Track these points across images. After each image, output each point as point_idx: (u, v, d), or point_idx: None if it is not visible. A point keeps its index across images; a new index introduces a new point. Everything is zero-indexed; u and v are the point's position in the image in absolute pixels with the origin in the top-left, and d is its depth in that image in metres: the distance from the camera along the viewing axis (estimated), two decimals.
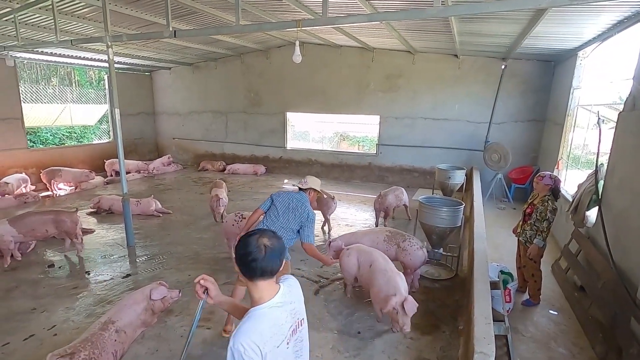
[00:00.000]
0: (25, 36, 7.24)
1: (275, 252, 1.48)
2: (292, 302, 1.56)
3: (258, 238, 1.49)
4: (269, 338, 1.41)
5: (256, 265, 1.45)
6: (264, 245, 1.47)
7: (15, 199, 7.77)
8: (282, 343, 1.47)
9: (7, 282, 4.50)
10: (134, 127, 12.27)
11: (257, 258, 1.45)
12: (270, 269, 1.48)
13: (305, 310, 1.66)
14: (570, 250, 4.74)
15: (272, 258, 1.47)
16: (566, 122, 6.75)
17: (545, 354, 3.34)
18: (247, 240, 1.49)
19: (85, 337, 2.93)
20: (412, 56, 9.20)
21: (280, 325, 1.48)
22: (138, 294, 3.43)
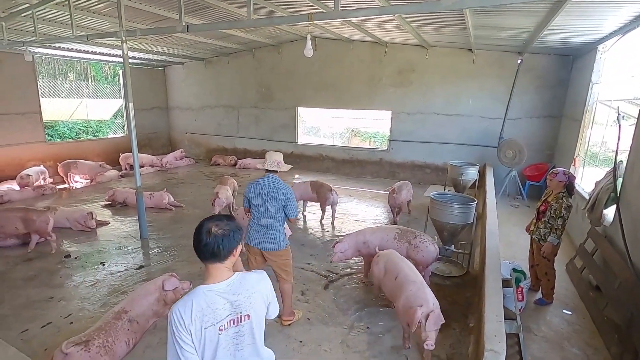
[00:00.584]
0: (43, 32, 7.39)
1: (218, 239, 1.55)
2: (236, 294, 1.59)
3: (208, 224, 1.58)
4: (197, 317, 1.49)
5: (201, 249, 1.56)
6: (210, 232, 1.56)
7: (33, 190, 7.99)
8: (212, 327, 1.52)
9: (26, 272, 4.64)
10: (147, 122, 12.45)
11: (201, 243, 1.56)
12: (211, 254, 1.55)
13: (260, 309, 1.66)
14: (586, 249, 4.63)
15: (214, 244, 1.55)
16: (584, 118, 6.57)
17: (558, 354, 3.29)
18: (200, 225, 1.60)
19: (100, 325, 3.01)
20: (425, 50, 9.06)
21: (213, 309, 1.53)
22: (150, 285, 3.50)
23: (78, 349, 2.68)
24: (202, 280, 1.63)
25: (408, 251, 4.24)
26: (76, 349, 2.67)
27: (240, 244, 1.69)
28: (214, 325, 1.53)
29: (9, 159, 8.91)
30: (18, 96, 9.02)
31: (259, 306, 1.66)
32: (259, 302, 1.66)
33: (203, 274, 1.66)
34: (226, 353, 1.59)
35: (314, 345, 3.32)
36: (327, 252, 5.32)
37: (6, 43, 6.42)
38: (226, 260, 1.61)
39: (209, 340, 1.53)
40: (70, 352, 2.65)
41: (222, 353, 1.57)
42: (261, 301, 1.67)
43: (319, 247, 5.55)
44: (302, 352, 3.22)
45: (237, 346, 1.62)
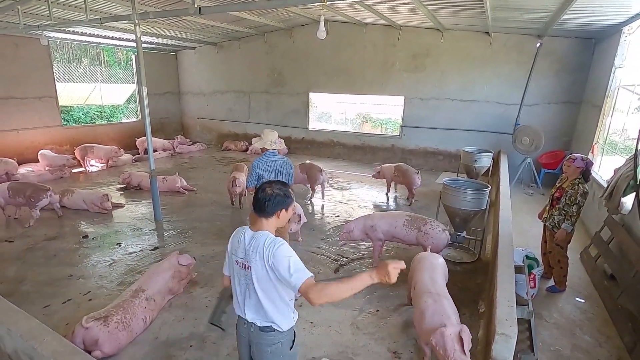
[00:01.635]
0: (57, 15, 7.43)
1: (267, 197, 1.84)
2: (250, 246, 1.83)
3: (267, 185, 1.91)
4: (231, 244, 1.97)
5: (254, 202, 1.89)
6: (264, 190, 1.87)
7: (51, 174, 8.17)
8: (233, 257, 1.92)
9: (47, 251, 4.80)
10: (160, 107, 12.54)
11: (257, 197, 1.88)
12: (259, 208, 1.86)
13: (260, 269, 1.79)
14: (602, 238, 4.55)
15: (264, 201, 1.85)
16: (605, 104, 6.35)
17: (569, 340, 3.27)
18: (261, 185, 1.94)
19: (118, 302, 3.11)
20: (441, 34, 8.83)
21: (236, 243, 1.91)
22: (165, 263, 3.61)
23: (97, 324, 2.78)
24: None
25: (418, 238, 4.23)
26: (96, 324, 2.78)
27: (288, 211, 1.93)
28: (235, 255, 1.90)
29: (27, 142, 9.13)
30: (35, 80, 9.18)
31: (259, 265, 1.79)
32: (259, 262, 1.78)
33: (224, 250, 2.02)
34: (242, 285, 1.89)
35: (324, 326, 3.38)
36: (337, 237, 5.35)
37: (22, 27, 6.49)
38: (270, 217, 1.87)
39: (232, 266, 1.93)
40: (90, 326, 2.76)
41: (237, 282, 1.91)
42: (261, 262, 1.78)
43: (329, 232, 5.58)
44: (313, 333, 3.29)
45: (248, 289, 1.87)
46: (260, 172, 3.65)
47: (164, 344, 3.10)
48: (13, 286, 3.97)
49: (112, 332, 2.81)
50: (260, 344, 1.89)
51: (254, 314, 1.87)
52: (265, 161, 3.67)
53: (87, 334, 2.74)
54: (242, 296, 1.89)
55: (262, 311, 1.85)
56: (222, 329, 2.30)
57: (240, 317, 1.94)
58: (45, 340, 2.02)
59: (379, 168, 7.46)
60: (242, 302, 1.90)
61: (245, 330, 1.92)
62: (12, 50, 8.69)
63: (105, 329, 2.78)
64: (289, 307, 1.90)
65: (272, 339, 1.88)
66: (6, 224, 5.70)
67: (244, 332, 1.94)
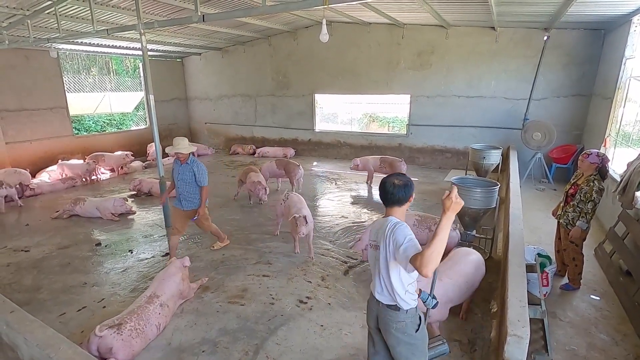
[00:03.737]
0: (66, 28, 7.60)
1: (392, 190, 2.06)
2: (379, 229, 2.10)
3: (392, 179, 2.12)
4: (370, 231, 2.27)
5: (387, 197, 2.10)
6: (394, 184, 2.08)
7: (63, 183, 8.31)
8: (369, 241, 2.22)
9: (62, 259, 4.90)
10: (168, 113, 12.70)
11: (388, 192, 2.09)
12: (396, 200, 2.08)
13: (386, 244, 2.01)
14: (616, 233, 4.46)
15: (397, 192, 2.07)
16: (616, 95, 6.23)
17: (584, 339, 3.22)
18: (385, 181, 2.14)
19: (132, 309, 3.16)
20: (445, 31, 8.76)
21: (372, 228, 2.25)
22: (171, 268, 3.68)
23: (111, 332, 2.83)
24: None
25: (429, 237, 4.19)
26: (109, 332, 2.82)
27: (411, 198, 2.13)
28: (370, 239, 2.21)
29: (41, 152, 9.34)
30: (46, 91, 9.38)
31: (384, 245, 2.02)
32: (383, 242, 2.02)
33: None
34: (375, 264, 2.16)
35: (335, 329, 3.38)
36: (345, 239, 5.35)
37: (32, 40, 6.63)
38: (405, 204, 2.11)
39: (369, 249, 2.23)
40: (104, 335, 2.80)
41: (371, 263, 2.21)
42: (384, 242, 2.01)
43: (337, 234, 5.58)
44: (324, 336, 3.29)
45: (377, 267, 2.12)
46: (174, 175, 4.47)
47: (177, 350, 3.14)
48: (30, 295, 4.06)
49: (126, 339, 2.86)
50: (385, 320, 2.12)
51: (380, 291, 2.12)
52: (175, 167, 4.47)
53: (102, 342, 2.78)
54: (373, 274, 2.18)
55: (386, 289, 2.08)
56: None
57: (371, 293, 2.20)
58: (61, 348, 2.06)
59: (357, 161, 8.16)
60: (373, 280, 2.18)
61: (374, 306, 2.18)
62: (23, 62, 8.90)
63: (119, 337, 2.82)
64: (408, 291, 2.06)
65: (397, 317, 2.07)
66: (20, 233, 5.83)
67: (373, 307, 2.20)
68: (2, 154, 8.61)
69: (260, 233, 5.62)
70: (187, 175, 4.42)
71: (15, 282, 4.34)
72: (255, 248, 5.11)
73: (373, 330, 2.27)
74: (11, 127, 8.82)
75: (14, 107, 8.83)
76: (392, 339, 2.11)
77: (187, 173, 4.42)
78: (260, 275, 4.36)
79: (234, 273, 4.42)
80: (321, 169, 9.89)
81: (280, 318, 3.54)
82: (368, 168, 8.12)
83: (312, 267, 4.54)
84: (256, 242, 5.29)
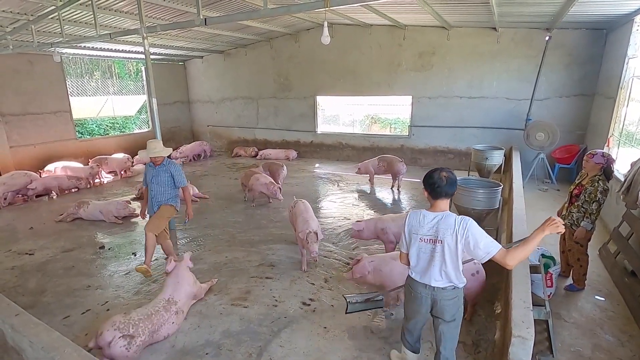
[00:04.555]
0: (69, 32, 7.65)
1: (443, 184, 2.28)
2: (436, 222, 2.30)
3: (441, 172, 2.33)
4: (411, 223, 2.41)
5: (436, 189, 2.31)
6: (443, 177, 2.30)
7: (68, 180, 8.31)
8: (417, 236, 2.37)
9: (66, 262, 4.92)
10: (170, 116, 12.75)
11: (435, 184, 2.31)
12: (445, 193, 2.31)
13: (450, 241, 2.25)
14: (621, 233, 4.43)
15: (447, 185, 2.29)
16: (619, 95, 6.20)
17: (589, 340, 3.20)
18: (432, 173, 2.35)
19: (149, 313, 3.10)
20: (447, 32, 8.76)
21: (419, 224, 2.36)
22: (180, 270, 3.67)
23: (122, 344, 2.78)
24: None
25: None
26: (120, 343, 2.78)
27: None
28: (418, 234, 2.36)
29: (45, 156, 9.39)
30: (49, 96, 9.45)
31: (450, 239, 2.25)
32: (451, 236, 2.24)
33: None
34: (424, 257, 2.37)
35: (338, 331, 3.38)
36: (348, 240, 5.35)
37: (36, 45, 6.69)
38: (450, 197, 2.35)
39: (413, 242, 2.40)
40: (114, 344, 2.77)
41: (422, 256, 2.38)
42: (453, 236, 2.24)
43: (340, 235, 5.58)
44: (327, 338, 3.29)
45: (432, 258, 2.33)
46: (147, 178, 4.36)
47: (180, 352, 3.14)
48: (35, 298, 4.08)
49: (131, 356, 2.84)
50: (443, 300, 2.38)
51: (439, 278, 2.35)
52: (149, 170, 4.37)
53: (109, 349, 2.77)
54: (427, 266, 2.36)
55: (445, 275, 2.33)
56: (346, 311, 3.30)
57: (422, 284, 2.41)
58: (66, 352, 2.07)
59: (359, 165, 8.37)
60: (426, 271, 2.37)
61: (428, 293, 2.41)
62: (27, 67, 8.97)
63: (125, 351, 2.79)
64: (461, 272, 2.37)
65: (453, 295, 2.38)
66: (25, 236, 5.87)
67: (425, 296, 2.42)
68: (6, 158, 8.67)
69: (263, 235, 5.63)
70: (163, 177, 4.32)
71: (19, 285, 4.37)
72: (258, 250, 5.11)
73: (422, 316, 2.54)
74: (15, 131, 8.88)
75: (18, 111, 8.90)
76: (449, 315, 2.41)
77: (162, 175, 4.32)
78: (263, 278, 4.36)
79: (237, 275, 4.43)
80: (323, 170, 9.90)
81: (284, 320, 3.54)
82: (369, 170, 8.20)
83: (315, 269, 4.54)
84: (259, 245, 5.30)
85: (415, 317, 2.57)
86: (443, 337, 2.48)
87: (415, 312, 2.53)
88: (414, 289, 2.47)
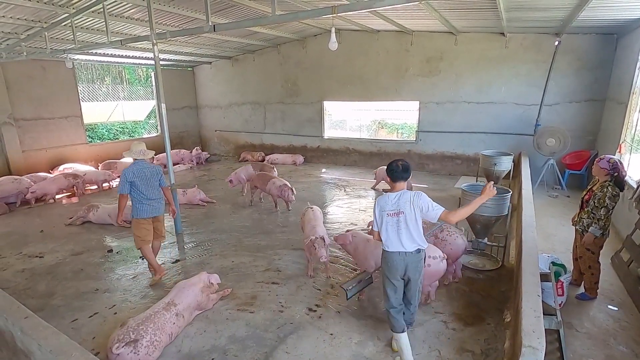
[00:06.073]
0: (81, 39, 7.81)
1: (399, 170, 2.86)
2: (397, 199, 2.87)
3: (398, 161, 2.91)
4: (379, 205, 2.94)
5: (394, 174, 2.89)
6: (399, 164, 2.88)
7: (65, 178, 8.18)
8: (384, 213, 2.89)
9: (74, 265, 4.97)
10: (179, 121, 12.89)
11: (394, 170, 2.88)
12: (401, 176, 2.88)
13: (410, 211, 2.82)
14: (634, 241, 4.34)
15: (397, 172, 2.88)
16: (631, 100, 6.11)
17: (602, 351, 3.12)
18: (392, 162, 2.92)
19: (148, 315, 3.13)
20: (454, 37, 8.75)
21: (385, 203, 2.91)
22: (194, 278, 3.74)
23: (128, 351, 2.80)
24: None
25: (436, 245, 4.14)
26: (126, 351, 2.80)
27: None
28: (384, 211, 2.89)
29: (56, 160, 9.55)
30: (61, 101, 9.64)
31: (409, 209, 2.81)
32: (409, 207, 2.82)
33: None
34: (392, 230, 2.88)
35: (344, 337, 3.35)
36: None
37: (49, 52, 6.84)
38: (406, 180, 2.90)
39: (382, 219, 2.91)
40: (121, 353, 2.78)
41: (390, 229, 2.88)
42: (410, 207, 2.81)
43: None
44: (333, 345, 3.26)
45: (399, 228, 2.85)
46: (132, 179, 4.17)
47: (186, 357, 3.14)
48: (44, 300, 4.12)
49: (143, 358, 2.84)
50: (413, 262, 2.89)
51: (409, 244, 2.86)
52: (135, 169, 4.21)
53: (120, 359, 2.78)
54: (396, 236, 2.86)
55: (412, 240, 2.85)
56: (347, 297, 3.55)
57: (396, 252, 2.88)
58: (73, 355, 2.08)
59: (375, 171, 8.43)
60: (396, 240, 2.86)
61: (401, 257, 2.88)
62: (40, 73, 9.16)
63: (135, 356, 2.80)
64: (423, 235, 2.92)
65: (420, 256, 2.92)
66: (35, 239, 5.94)
67: (399, 261, 2.89)
68: (19, 162, 8.83)
69: (269, 240, 5.63)
70: (156, 173, 4.42)
71: (29, 287, 4.42)
72: (264, 255, 5.11)
73: (399, 282, 2.97)
74: (28, 135, 9.06)
75: (30, 116, 9.08)
76: (415, 272, 2.92)
77: (155, 172, 4.40)
78: (269, 283, 4.35)
79: (243, 280, 4.42)
80: (330, 175, 9.89)
81: (290, 326, 3.52)
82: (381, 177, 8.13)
83: (321, 274, 4.52)
84: (265, 249, 5.30)
85: (393, 284, 2.97)
86: (412, 293, 3.02)
87: (392, 279, 2.96)
88: (389, 259, 2.92)
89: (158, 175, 4.39)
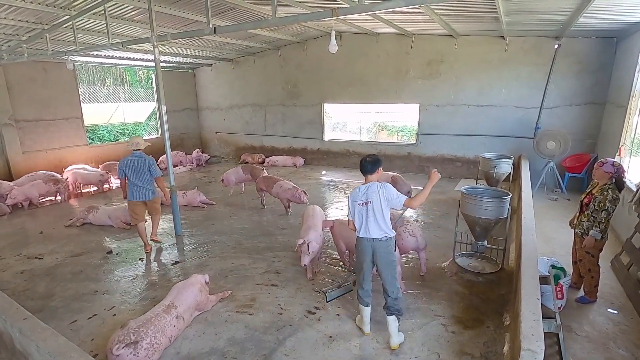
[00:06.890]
0: (82, 41, 7.84)
1: (367, 165, 3.16)
2: (364, 191, 3.14)
3: (366, 157, 3.19)
4: (351, 196, 3.23)
5: (362, 169, 3.20)
6: (366, 160, 3.17)
7: (45, 184, 7.83)
8: (355, 203, 3.16)
9: (74, 267, 4.97)
10: (179, 123, 12.91)
11: (362, 165, 3.19)
12: (367, 170, 3.17)
13: (376, 200, 3.05)
14: (634, 245, 4.34)
15: (367, 165, 3.17)
16: (630, 103, 6.12)
17: (602, 354, 3.11)
18: (363, 158, 3.20)
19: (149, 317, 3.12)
20: (454, 40, 8.77)
21: (356, 194, 3.18)
22: (192, 279, 3.73)
23: (128, 352, 2.79)
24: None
25: None
26: (126, 352, 2.79)
27: (381, 170, 3.21)
28: (355, 201, 3.16)
29: (56, 161, 9.56)
30: (62, 103, 9.66)
31: (376, 199, 3.06)
32: (376, 197, 3.06)
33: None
34: (362, 217, 3.13)
35: (343, 340, 3.34)
36: None
37: (50, 53, 6.85)
38: (373, 174, 3.17)
39: (354, 209, 3.18)
40: (121, 354, 2.77)
41: (361, 217, 3.14)
42: (377, 197, 3.06)
43: None
44: (332, 347, 3.25)
45: (367, 216, 3.10)
46: (122, 167, 4.99)
47: (185, 359, 3.13)
48: (43, 302, 4.12)
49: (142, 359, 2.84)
50: (380, 248, 3.12)
51: (376, 231, 3.09)
52: (128, 160, 5.01)
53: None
54: (365, 223, 3.11)
55: (379, 228, 3.08)
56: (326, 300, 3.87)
57: (365, 238, 3.14)
58: (72, 357, 2.08)
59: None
60: (365, 227, 3.12)
61: (369, 244, 3.14)
62: (41, 75, 9.19)
63: (135, 358, 2.79)
64: (389, 224, 3.15)
65: (387, 244, 3.13)
66: (35, 240, 5.94)
67: (367, 246, 3.15)
68: (19, 163, 8.84)
69: (269, 242, 5.63)
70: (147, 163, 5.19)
71: (29, 289, 4.41)
72: (264, 257, 5.11)
73: (367, 265, 3.21)
74: (28, 136, 9.07)
75: (31, 118, 9.10)
76: (384, 260, 3.14)
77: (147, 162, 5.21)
78: (269, 285, 4.35)
79: (242, 282, 4.42)
80: (330, 177, 9.90)
81: (289, 328, 3.52)
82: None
83: (321, 277, 4.52)
84: (265, 252, 5.29)
85: (362, 267, 3.24)
86: (385, 280, 3.20)
87: (362, 262, 3.23)
88: (360, 244, 3.21)
89: (147, 165, 5.07)
